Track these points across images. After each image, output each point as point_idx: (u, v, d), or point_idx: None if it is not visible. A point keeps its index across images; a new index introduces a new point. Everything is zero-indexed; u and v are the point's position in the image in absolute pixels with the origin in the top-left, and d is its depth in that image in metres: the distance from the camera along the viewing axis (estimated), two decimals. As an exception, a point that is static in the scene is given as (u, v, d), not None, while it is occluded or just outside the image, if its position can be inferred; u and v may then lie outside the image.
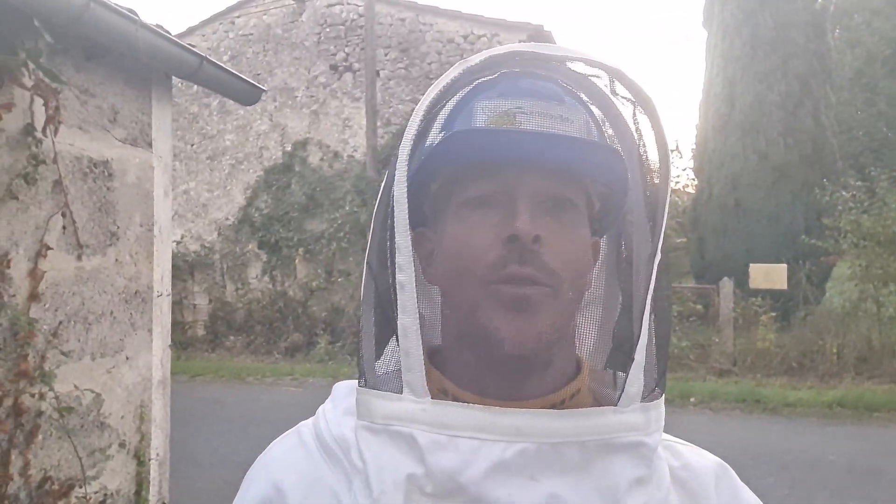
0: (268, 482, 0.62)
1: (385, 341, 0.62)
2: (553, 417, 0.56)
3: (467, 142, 0.59)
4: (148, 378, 2.78)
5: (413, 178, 0.60)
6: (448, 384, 0.60)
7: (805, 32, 11.57)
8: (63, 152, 2.35)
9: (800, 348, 8.96)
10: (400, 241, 0.58)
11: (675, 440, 0.66)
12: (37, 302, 2.23)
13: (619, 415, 0.57)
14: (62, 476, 2.32)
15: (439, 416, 0.55)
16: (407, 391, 0.56)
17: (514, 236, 0.56)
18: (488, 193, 0.59)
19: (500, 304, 0.56)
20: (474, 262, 0.58)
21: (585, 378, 0.63)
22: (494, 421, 0.55)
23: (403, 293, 0.57)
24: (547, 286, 0.57)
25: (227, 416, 7.39)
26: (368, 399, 0.58)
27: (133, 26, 2.36)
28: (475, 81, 0.62)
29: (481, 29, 11.13)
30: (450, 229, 0.61)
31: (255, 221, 12.08)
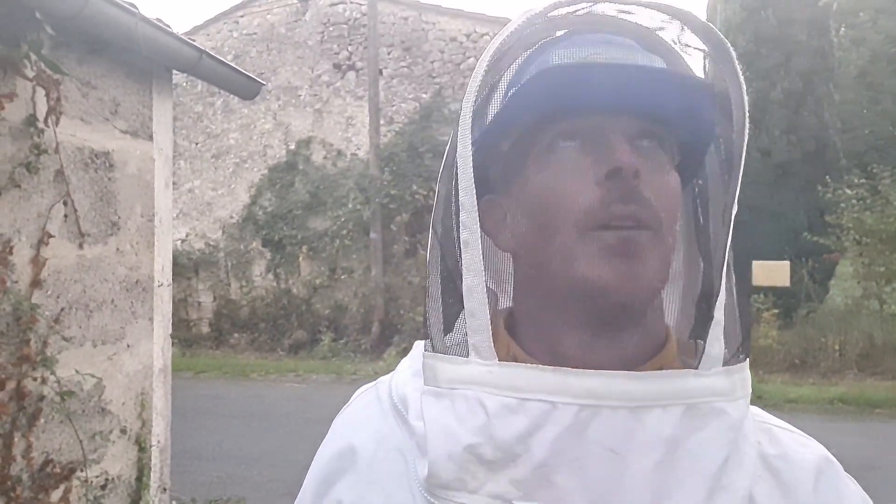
0: (343, 437, 0.63)
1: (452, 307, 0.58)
2: (630, 379, 0.51)
3: (548, 84, 0.54)
4: (149, 366, 2.83)
5: (480, 140, 0.56)
6: (518, 351, 0.57)
7: (807, 30, 11.57)
8: (65, 142, 2.40)
9: (802, 345, 8.98)
10: (464, 199, 0.54)
11: (775, 423, 0.60)
12: (39, 288, 2.28)
13: (701, 378, 0.51)
14: (63, 459, 2.37)
15: (507, 378, 0.52)
16: (473, 354, 0.53)
17: (617, 169, 0.51)
18: (577, 137, 0.54)
19: (604, 249, 0.51)
20: (567, 207, 0.53)
21: (673, 347, 0.58)
22: (567, 382, 0.50)
23: (468, 251, 0.54)
24: (650, 229, 0.52)
25: (231, 411, 7.45)
26: (434, 363, 0.56)
27: (133, 20, 2.40)
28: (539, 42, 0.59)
29: (484, 27, 11.16)
30: (533, 180, 0.56)
31: (259, 219, 12.15)
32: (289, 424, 6.63)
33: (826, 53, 11.78)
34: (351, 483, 0.60)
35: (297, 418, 6.84)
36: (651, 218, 0.52)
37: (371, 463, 0.59)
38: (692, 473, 0.50)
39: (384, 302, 10.78)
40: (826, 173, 10.62)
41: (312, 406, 7.15)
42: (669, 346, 0.57)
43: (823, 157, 11.21)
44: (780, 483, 0.55)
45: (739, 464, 0.51)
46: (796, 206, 10.97)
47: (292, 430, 6.29)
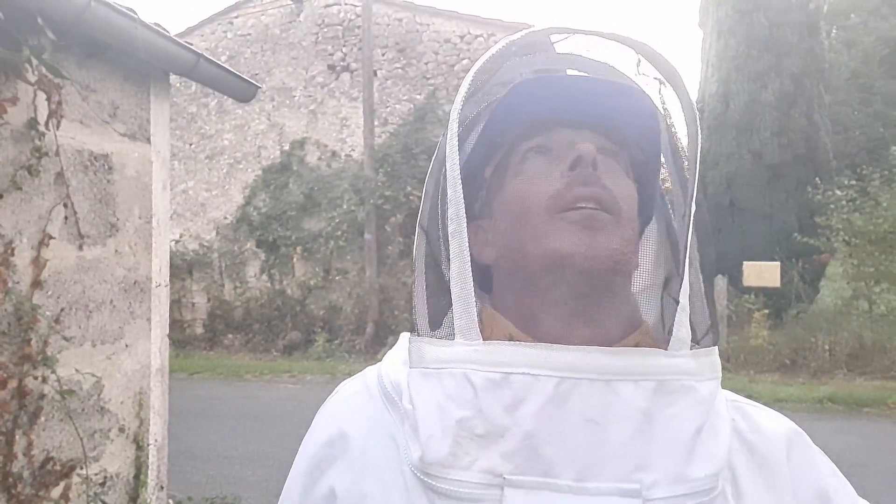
0: (333, 424, 0.64)
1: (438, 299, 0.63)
2: (606, 354, 0.55)
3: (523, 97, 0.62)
4: (147, 366, 2.87)
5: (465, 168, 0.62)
6: (513, 329, 0.61)
7: (799, 32, 11.68)
8: (65, 145, 2.44)
9: (792, 345, 9.05)
10: (451, 194, 0.59)
11: (745, 401, 0.65)
12: (40, 289, 2.31)
13: (670, 358, 0.56)
14: (64, 457, 2.40)
15: (492, 355, 0.55)
16: (459, 337, 0.57)
17: (579, 157, 0.58)
18: (546, 145, 0.63)
19: (570, 224, 0.58)
20: (537, 198, 0.60)
21: (647, 334, 0.62)
22: (546, 356, 0.55)
23: (455, 240, 0.58)
24: (609, 212, 0.58)
25: (225, 412, 7.46)
26: (420, 346, 0.59)
27: (132, 24, 2.44)
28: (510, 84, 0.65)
29: (478, 29, 11.21)
30: (509, 185, 0.63)
31: (253, 220, 12.16)
32: (283, 425, 6.66)
33: (817, 55, 11.89)
34: (344, 469, 0.61)
35: (292, 419, 6.86)
36: (610, 201, 0.59)
37: (364, 449, 0.61)
38: (669, 441, 0.53)
39: (378, 303, 10.81)
40: (817, 175, 10.72)
41: (307, 406, 7.12)
42: (643, 328, 0.62)
43: (814, 159, 11.33)
44: (755, 455, 0.59)
45: (714, 434, 0.55)
46: (787, 207, 11.07)
47: (287, 431, 6.32)
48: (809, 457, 0.62)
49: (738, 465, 0.58)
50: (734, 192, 11.48)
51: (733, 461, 0.58)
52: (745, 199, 11.37)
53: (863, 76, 21.50)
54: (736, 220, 11.41)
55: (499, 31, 11.09)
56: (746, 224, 11.27)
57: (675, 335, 0.57)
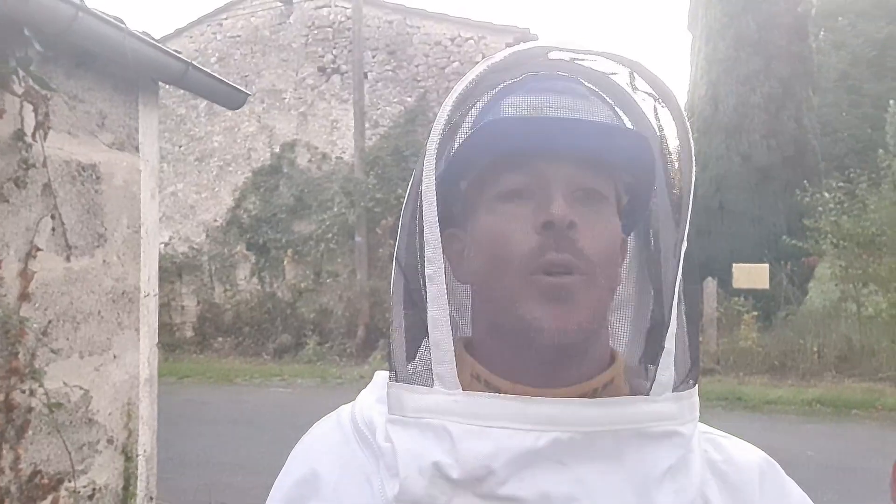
0: (305, 463, 0.64)
1: (415, 337, 0.62)
2: (585, 406, 0.55)
3: (496, 133, 0.60)
4: (135, 376, 2.85)
5: (442, 177, 0.61)
6: (481, 370, 0.60)
7: (788, 35, 11.75)
8: (52, 156, 2.42)
9: (781, 347, 9.11)
10: (429, 235, 0.58)
11: (717, 433, 0.65)
12: (27, 301, 2.30)
13: (652, 404, 0.56)
14: (52, 470, 2.39)
15: (471, 407, 0.55)
16: (438, 384, 0.57)
17: (550, 222, 0.56)
18: (521, 185, 0.60)
19: (540, 294, 0.56)
20: (510, 252, 0.58)
21: (620, 368, 0.62)
22: (526, 410, 0.55)
23: (433, 285, 0.57)
24: (583, 274, 0.57)
25: (215, 417, 7.43)
26: (399, 393, 0.59)
27: (120, 34, 2.43)
28: (500, 84, 0.64)
29: (468, 32, 11.22)
30: (483, 223, 0.61)
31: (243, 223, 12.11)
32: (273, 430, 6.63)
33: (806, 58, 11.97)
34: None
35: (282, 423, 6.83)
36: (584, 265, 0.57)
37: (336, 488, 0.60)
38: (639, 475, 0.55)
39: (369, 306, 10.79)
40: (805, 177, 10.79)
41: (297, 411, 7.15)
42: (616, 364, 0.62)
43: (803, 161, 11.40)
44: (728, 485, 0.60)
45: (685, 467, 0.56)
46: (776, 209, 11.15)
47: (277, 436, 6.28)
48: (782, 487, 0.62)
49: (711, 496, 0.58)
50: (723, 195, 11.54)
51: (706, 492, 0.58)
52: (734, 202, 11.43)
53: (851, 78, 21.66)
54: (725, 222, 11.47)
55: (489, 33, 11.11)
56: (735, 226, 11.34)
57: (658, 380, 0.57)
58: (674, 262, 0.61)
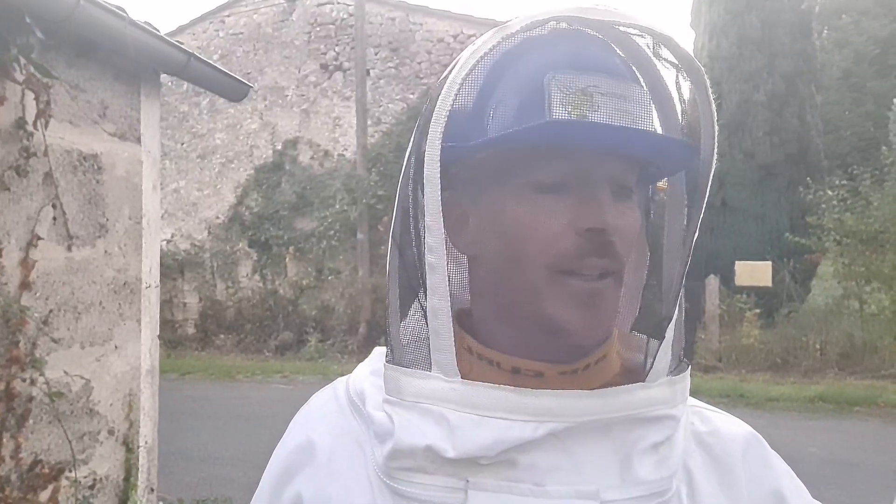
0: (302, 432, 0.65)
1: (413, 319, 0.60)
2: (583, 397, 0.55)
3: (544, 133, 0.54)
4: (136, 367, 2.85)
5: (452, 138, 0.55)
6: (473, 343, 0.60)
7: (791, 33, 11.72)
8: (54, 145, 2.41)
9: (783, 345, 9.09)
10: (431, 223, 0.55)
11: (706, 406, 0.66)
12: (28, 290, 2.29)
13: (647, 390, 0.57)
14: (52, 460, 2.38)
15: (469, 396, 0.55)
16: (437, 370, 0.56)
17: (601, 230, 0.54)
18: (561, 178, 0.56)
19: (570, 297, 0.55)
20: (543, 248, 0.55)
21: (615, 342, 0.62)
22: (525, 402, 0.55)
23: (434, 274, 0.55)
24: (616, 274, 0.57)
25: (217, 413, 7.43)
26: (397, 376, 0.58)
27: (122, 23, 2.42)
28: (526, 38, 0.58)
29: (471, 28, 11.20)
30: (510, 208, 0.57)
31: (245, 220, 12.11)
32: (275, 426, 6.53)
33: (809, 56, 11.93)
34: (310, 476, 0.62)
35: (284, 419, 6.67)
36: (618, 267, 0.57)
37: (330, 456, 0.62)
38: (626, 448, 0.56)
39: (371, 303, 10.79)
40: (808, 175, 10.76)
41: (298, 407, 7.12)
42: (611, 339, 0.61)
43: (806, 159, 11.37)
44: (711, 456, 0.61)
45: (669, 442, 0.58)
46: (779, 207, 11.11)
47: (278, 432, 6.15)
48: (765, 458, 0.63)
49: (694, 466, 0.59)
50: (726, 192, 11.51)
51: (689, 462, 0.59)
52: (737, 199, 11.40)
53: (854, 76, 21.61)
54: (728, 219, 11.44)
55: (492, 30, 11.08)
56: (738, 224, 11.31)
57: (655, 368, 0.58)
58: (683, 251, 0.60)
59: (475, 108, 0.58)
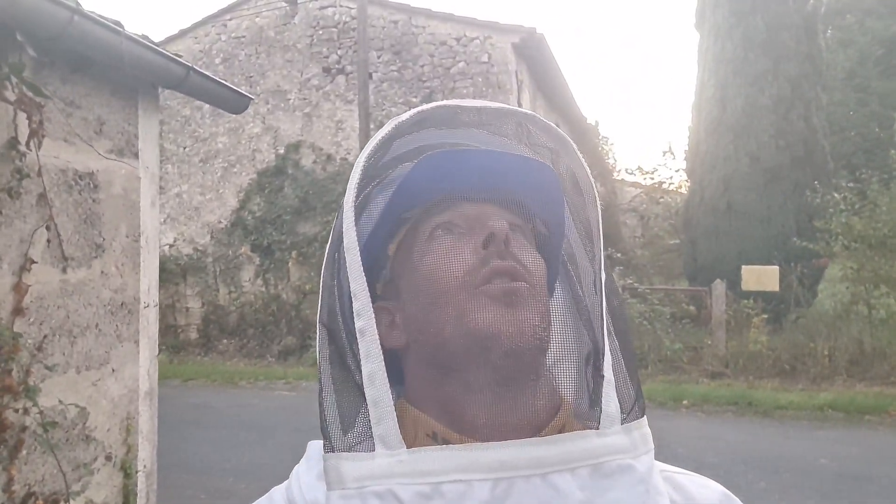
0: None
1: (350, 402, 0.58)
2: (537, 445, 0.53)
3: (417, 182, 0.61)
4: (134, 390, 2.77)
5: (366, 247, 0.60)
6: (437, 425, 0.57)
7: (796, 35, 11.63)
8: (48, 165, 2.34)
9: (791, 351, 9.00)
10: (355, 287, 0.55)
11: (675, 470, 0.64)
12: (21, 316, 2.22)
13: (603, 437, 0.54)
14: (47, 491, 2.31)
15: (417, 464, 0.51)
16: (380, 446, 0.52)
17: (491, 234, 0.57)
18: (451, 222, 0.61)
19: (491, 300, 0.55)
20: (452, 277, 0.57)
21: (569, 412, 0.60)
22: (477, 458, 0.51)
23: (364, 339, 0.54)
24: (527, 282, 0.57)
25: (219, 421, 7.37)
26: (337, 464, 0.54)
27: (118, 38, 2.35)
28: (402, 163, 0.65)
29: (474, 31, 11.13)
30: (418, 266, 0.60)
31: (247, 224, 12.06)
32: (277, 435, 6.57)
33: (815, 58, 11.84)
34: None
35: (286, 428, 6.77)
36: (526, 274, 0.57)
37: None
38: None
39: (374, 308, 10.71)
40: (815, 177, 10.68)
41: (302, 415, 7.09)
42: (565, 408, 0.60)
43: (812, 162, 11.27)
44: None
45: None
46: (785, 210, 11.02)
47: (281, 442, 6.23)
48: None
49: None
50: (731, 195, 11.43)
51: None
52: (742, 203, 11.32)
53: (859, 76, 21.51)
54: (733, 223, 11.35)
55: (495, 33, 11.01)
56: (744, 227, 11.22)
57: (605, 411, 0.56)
58: (596, 296, 0.61)
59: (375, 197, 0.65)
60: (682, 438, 6.19)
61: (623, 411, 0.57)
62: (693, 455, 5.63)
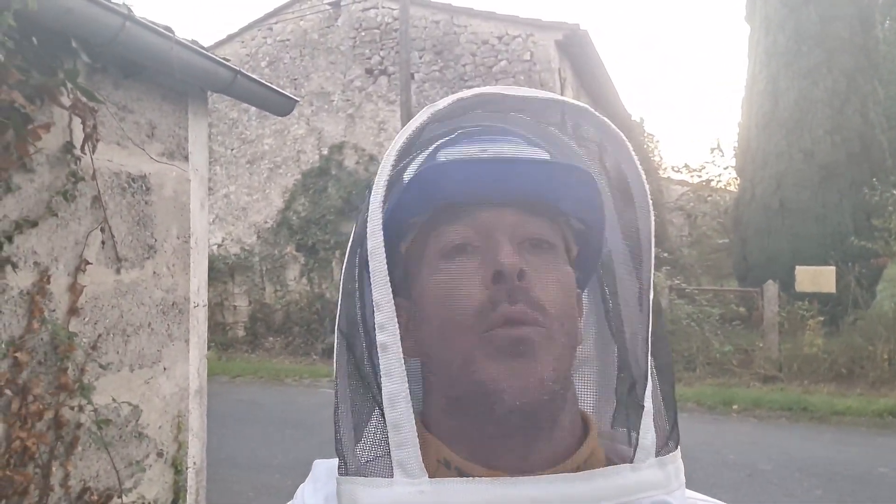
0: None
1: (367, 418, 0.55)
2: (569, 482, 0.50)
3: (430, 181, 0.56)
4: (185, 388, 2.83)
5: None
6: (450, 454, 0.53)
7: (851, 26, 11.19)
8: (102, 168, 2.40)
9: (849, 354, 8.67)
10: (379, 297, 0.51)
11: (699, 497, 0.60)
12: (76, 316, 2.28)
13: (637, 472, 0.52)
14: (101, 486, 2.36)
15: (440, 496, 0.48)
16: (399, 472, 0.49)
17: (500, 272, 0.52)
18: (463, 238, 0.55)
19: (497, 350, 0.51)
20: (461, 311, 0.52)
21: (595, 438, 0.57)
22: (506, 494, 0.48)
23: (387, 355, 0.50)
24: (540, 325, 0.52)
25: (266, 417, 7.51)
26: (353, 489, 0.50)
27: (168, 44, 2.39)
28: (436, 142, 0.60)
29: (516, 29, 11.05)
30: (427, 285, 0.55)
31: (292, 224, 12.25)
32: (322, 432, 6.65)
33: (871, 50, 11.38)
34: None
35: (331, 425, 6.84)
36: (540, 315, 0.52)
37: None
38: None
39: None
40: (872, 174, 10.27)
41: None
42: (592, 434, 0.56)
43: (869, 158, 10.83)
44: None
45: None
46: (841, 208, 10.61)
47: (326, 439, 6.27)
48: None
49: None
50: (784, 193, 11.07)
51: None
52: (795, 200, 10.95)
53: (919, 68, 20.57)
54: (786, 222, 10.99)
55: (537, 30, 10.91)
56: (797, 226, 10.85)
57: (641, 444, 0.53)
58: (641, 315, 0.56)
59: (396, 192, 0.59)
60: (732, 444, 6.02)
61: (658, 444, 0.54)
62: (745, 461, 5.46)
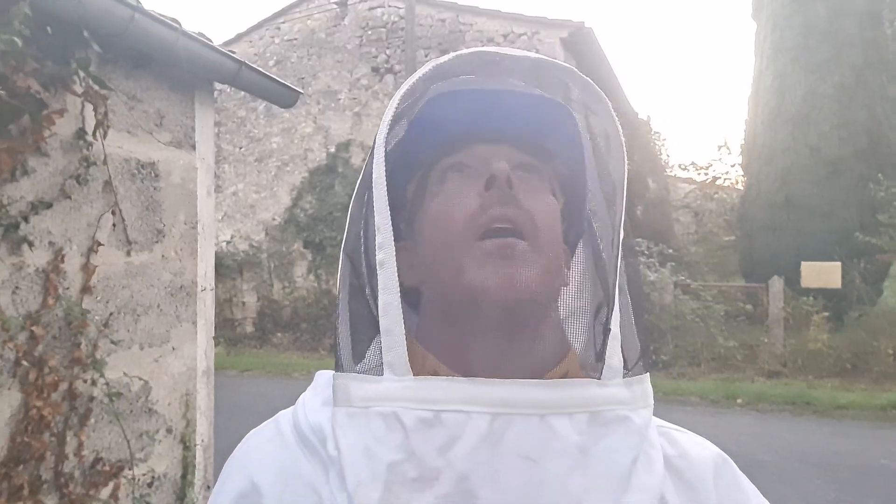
0: (244, 476, 0.59)
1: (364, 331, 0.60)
2: (539, 387, 0.54)
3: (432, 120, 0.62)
4: (193, 368, 2.93)
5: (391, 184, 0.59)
6: (439, 365, 0.58)
7: (860, 21, 11.17)
8: (112, 154, 2.50)
9: (853, 349, 8.68)
10: (379, 221, 0.56)
11: (671, 426, 0.64)
12: (89, 294, 2.38)
13: (604, 388, 0.55)
14: (112, 458, 2.47)
15: (422, 391, 0.53)
16: (388, 371, 0.54)
17: (492, 177, 0.57)
18: (463, 161, 0.62)
19: (485, 255, 0.56)
20: (454, 222, 0.58)
21: (574, 362, 0.61)
22: (480, 392, 0.53)
23: (384, 271, 0.55)
24: (527, 238, 0.57)
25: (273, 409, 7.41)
26: (346, 383, 0.55)
27: (175, 35, 2.49)
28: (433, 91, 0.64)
29: (521, 27, 11.12)
30: (427, 208, 0.62)
31: (300, 221, 12.37)
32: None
33: (880, 45, 11.35)
34: None
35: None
36: (527, 222, 0.58)
37: (280, 500, 0.56)
38: (604, 476, 0.52)
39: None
40: (879, 170, 10.24)
41: (352, 406, 7.24)
42: (570, 356, 0.61)
43: (876, 154, 10.81)
44: (683, 481, 0.59)
45: (649, 466, 0.55)
46: (847, 204, 10.60)
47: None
48: (736, 481, 0.62)
49: (666, 491, 0.57)
50: (790, 189, 11.06)
51: (663, 490, 0.57)
52: (801, 196, 10.94)
53: (929, 65, 20.41)
54: (791, 217, 10.99)
55: (543, 28, 10.97)
56: (803, 222, 10.84)
57: (608, 364, 0.56)
58: (613, 251, 0.61)
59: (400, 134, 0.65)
60: (734, 435, 6.07)
61: (626, 366, 0.58)
62: (746, 452, 5.51)
